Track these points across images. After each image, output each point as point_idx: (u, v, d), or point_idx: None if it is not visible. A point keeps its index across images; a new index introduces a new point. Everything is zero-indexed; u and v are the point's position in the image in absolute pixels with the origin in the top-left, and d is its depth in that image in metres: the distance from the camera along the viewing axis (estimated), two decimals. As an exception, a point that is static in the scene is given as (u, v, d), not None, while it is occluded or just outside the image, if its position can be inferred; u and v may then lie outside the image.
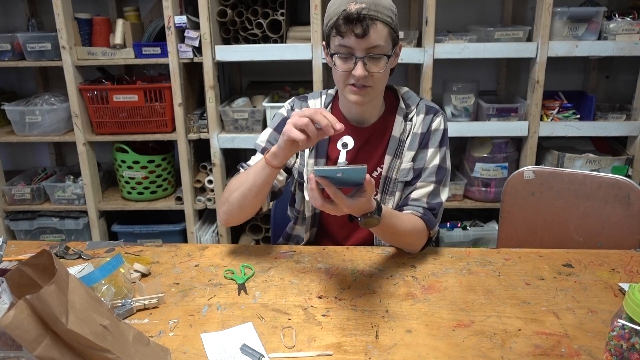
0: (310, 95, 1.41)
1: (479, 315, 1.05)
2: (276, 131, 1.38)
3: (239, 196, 1.26)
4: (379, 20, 1.16)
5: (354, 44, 1.16)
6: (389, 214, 1.17)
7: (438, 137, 1.33)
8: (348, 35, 1.15)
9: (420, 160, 1.33)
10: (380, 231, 1.21)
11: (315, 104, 1.38)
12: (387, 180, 1.34)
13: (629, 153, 2.40)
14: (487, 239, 2.57)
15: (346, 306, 1.09)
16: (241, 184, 1.26)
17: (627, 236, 1.49)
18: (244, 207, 1.28)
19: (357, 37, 1.15)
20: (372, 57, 1.18)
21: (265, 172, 1.21)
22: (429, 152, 1.33)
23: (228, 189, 1.31)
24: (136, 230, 2.61)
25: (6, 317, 0.67)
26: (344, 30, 1.15)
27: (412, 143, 1.33)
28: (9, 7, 2.72)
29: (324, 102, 1.38)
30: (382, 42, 1.17)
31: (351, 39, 1.15)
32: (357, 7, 1.13)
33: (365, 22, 1.14)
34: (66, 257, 1.32)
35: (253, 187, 1.23)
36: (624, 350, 0.85)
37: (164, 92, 2.37)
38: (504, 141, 2.45)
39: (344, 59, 1.19)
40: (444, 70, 2.49)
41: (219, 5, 2.32)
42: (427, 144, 1.33)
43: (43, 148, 2.93)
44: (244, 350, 0.94)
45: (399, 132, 1.33)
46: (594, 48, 2.25)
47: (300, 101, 1.40)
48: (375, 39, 1.16)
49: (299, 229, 1.44)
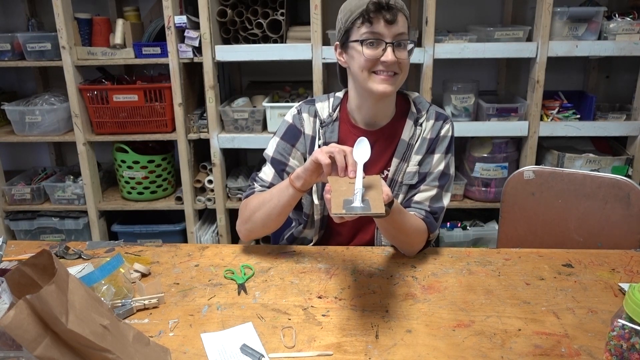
0: (318, 99, 1.39)
1: (479, 315, 1.05)
2: (283, 140, 1.37)
3: (263, 215, 1.28)
4: (403, 13, 1.22)
5: (383, 29, 1.19)
6: (398, 209, 1.18)
7: (445, 144, 1.34)
8: (377, 22, 1.19)
9: (426, 165, 1.34)
10: (386, 224, 1.21)
11: (323, 107, 1.37)
12: (392, 182, 1.34)
13: (629, 153, 2.40)
14: (487, 239, 2.57)
15: (346, 306, 1.09)
16: (264, 204, 1.27)
17: (627, 236, 1.49)
18: (267, 225, 1.30)
19: (387, 23, 1.18)
20: (399, 44, 1.21)
21: (289, 193, 1.22)
22: (435, 157, 1.34)
23: (248, 208, 1.32)
24: (136, 230, 2.61)
25: (6, 317, 0.66)
26: (373, 16, 1.18)
27: (420, 147, 1.33)
28: (9, 7, 2.72)
29: (332, 105, 1.37)
30: (406, 30, 1.23)
31: (380, 24, 1.19)
32: None
33: (394, 10, 1.19)
34: (66, 257, 1.32)
35: (277, 207, 1.25)
36: (624, 350, 0.85)
37: (164, 92, 2.37)
38: (504, 141, 2.45)
39: (370, 45, 1.21)
40: (444, 70, 2.49)
41: (219, 5, 2.31)
42: (434, 149, 1.34)
43: (43, 148, 2.93)
44: (244, 350, 0.94)
45: (408, 136, 1.33)
46: (594, 48, 2.25)
47: (307, 105, 1.38)
48: (402, 26, 1.21)
49: (308, 232, 1.43)
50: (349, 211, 0.97)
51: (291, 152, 1.36)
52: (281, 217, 1.28)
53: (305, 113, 1.36)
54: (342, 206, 0.98)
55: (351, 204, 0.98)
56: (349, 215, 0.97)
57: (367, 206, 0.98)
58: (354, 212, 0.97)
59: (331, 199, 1.00)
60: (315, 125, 1.36)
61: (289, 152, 1.36)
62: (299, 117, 1.37)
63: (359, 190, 1.00)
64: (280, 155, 1.36)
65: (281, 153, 1.36)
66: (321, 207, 1.37)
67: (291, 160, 1.36)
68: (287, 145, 1.36)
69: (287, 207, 1.25)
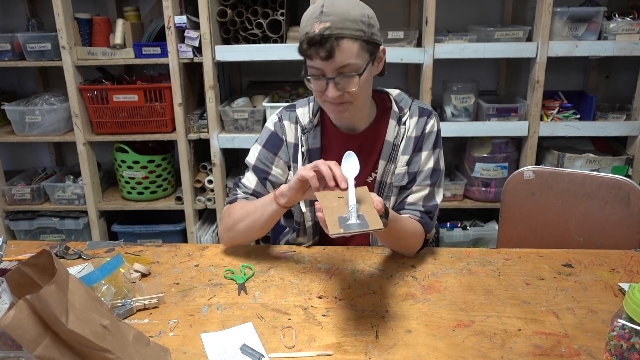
0: (298, 104, 1.37)
1: (479, 315, 1.05)
2: (265, 148, 1.36)
3: (246, 227, 1.28)
4: (346, 37, 1.10)
5: (321, 65, 1.13)
6: (394, 218, 1.16)
7: (432, 140, 1.32)
8: (315, 58, 1.12)
9: (415, 164, 1.31)
10: (384, 234, 1.20)
11: (304, 112, 1.34)
12: (381, 185, 1.32)
13: (629, 153, 2.40)
14: (487, 239, 2.57)
15: (346, 306, 1.09)
16: (247, 215, 1.27)
17: (627, 236, 1.49)
18: (250, 236, 1.31)
19: (323, 60, 1.11)
20: (344, 76, 1.14)
21: (272, 208, 1.22)
22: (423, 155, 1.31)
23: (231, 217, 1.31)
24: (136, 230, 2.61)
25: (6, 317, 0.66)
26: (309, 53, 1.12)
27: (406, 147, 1.31)
28: (9, 7, 2.72)
29: (312, 110, 1.33)
30: (352, 60, 1.12)
31: (317, 61, 1.12)
32: (321, 28, 1.09)
33: (329, 43, 1.09)
34: (66, 257, 1.32)
35: (259, 221, 1.25)
36: (624, 350, 0.85)
37: (164, 92, 2.37)
38: (504, 141, 2.45)
39: (315, 78, 1.16)
40: (444, 70, 2.49)
41: (219, 5, 2.31)
42: (421, 147, 1.31)
43: (43, 148, 2.93)
44: (244, 350, 0.94)
45: (392, 136, 1.30)
46: (594, 48, 2.25)
47: (288, 111, 1.36)
48: (343, 58, 1.11)
49: (302, 239, 1.41)
50: (347, 229, 0.95)
51: (273, 161, 1.35)
52: (264, 229, 1.28)
53: (286, 120, 1.34)
54: (339, 224, 0.96)
55: (347, 222, 0.97)
56: (348, 233, 0.96)
57: (364, 222, 0.97)
58: (353, 230, 0.96)
59: (325, 218, 0.98)
60: (297, 132, 1.33)
61: (272, 161, 1.35)
62: (280, 125, 1.35)
63: (353, 206, 0.99)
64: (262, 164, 1.35)
65: (263, 162, 1.35)
66: (311, 214, 1.35)
67: (274, 169, 1.35)
68: (269, 154, 1.35)
69: (270, 222, 1.25)
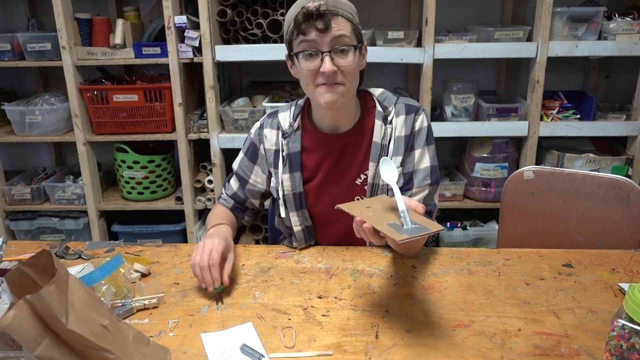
0: (281, 109, 1.36)
1: (479, 315, 1.05)
2: (246, 156, 1.38)
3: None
4: (340, 15, 1.13)
5: (317, 38, 1.13)
6: None
7: (423, 137, 1.30)
8: (310, 32, 1.12)
9: (409, 164, 1.30)
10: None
11: (285, 117, 1.33)
12: (374, 187, 1.30)
13: (629, 153, 2.40)
14: (487, 239, 2.57)
15: (346, 306, 1.09)
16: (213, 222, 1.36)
17: (627, 236, 1.49)
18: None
19: (319, 32, 1.12)
20: (338, 50, 1.14)
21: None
22: (417, 153, 1.29)
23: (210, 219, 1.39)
24: (136, 230, 2.61)
25: (6, 317, 0.66)
26: (304, 27, 1.12)
27: (397, 148, 1.28)
28: (9, 7, 2.72)
29: (293, 113, 1.32)
30: (347, 33, 1.14)
31: (313, 34, 1.12)
32: (316, 4, 1.11)
33: (326, 16, 1.11)
34: (66, 257, 1.32)
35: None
36: (624, 350, 0.85)
37: (164, 92, 2.37)
38: (504, 141, 2.46)
39: (309, 56, 1.15)
40: (444, 70, 2.49)
41: (219, 5, 2.31)
42: (413, 146, 1.29)
43: (43, 148, 2.93)
44: (244, 350, 0.94)
45: (379, 137, 1.28)
46: (594, 48, 2.25)
47: (270, 118, 1.36)
48: (339, 29, 1.13)
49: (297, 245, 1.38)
50: (412, 234, 0.92)
51: (252, 169, 1.37)
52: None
53: (267, 128, 1.34)
54: (397, 231, 0.93)
55: (403, 227, 0.94)
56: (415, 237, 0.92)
57: (421, 226, 0.95)
58: (419, 234, 0.92)
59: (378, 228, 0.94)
60: (278, 138, 1.33)
61: (250, 170, 1.38)
62: (259, 134, 1.36)
63: (404, 211, 0.97)
64: (242, 172, 1.39)
65: (243, 169, 1.39)
66: (299, 218, 1.33)
67: (252, 177, 1.38)
68: (249, 163, 1.38)
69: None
